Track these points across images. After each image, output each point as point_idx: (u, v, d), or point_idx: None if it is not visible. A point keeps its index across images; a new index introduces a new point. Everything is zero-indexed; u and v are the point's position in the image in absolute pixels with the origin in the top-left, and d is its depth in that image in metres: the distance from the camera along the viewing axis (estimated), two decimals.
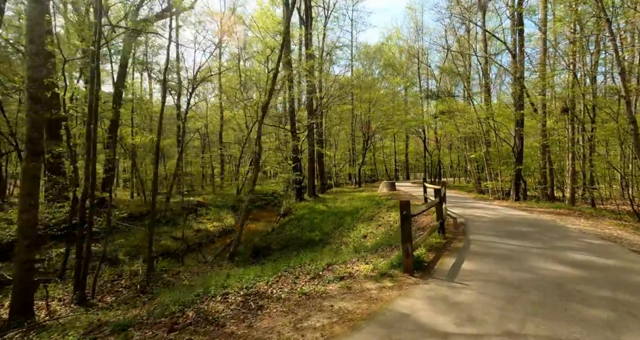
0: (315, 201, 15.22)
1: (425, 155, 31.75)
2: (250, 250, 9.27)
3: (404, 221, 3.67)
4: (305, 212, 12.91)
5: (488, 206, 10.54)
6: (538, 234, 5.95)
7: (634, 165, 12.90)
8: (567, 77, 12.25)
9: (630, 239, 6.07)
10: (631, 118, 7.35)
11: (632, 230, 7.04)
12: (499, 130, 14.39)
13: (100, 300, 4.43)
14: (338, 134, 31.64)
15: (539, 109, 13.98)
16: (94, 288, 4.64)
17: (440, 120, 23.18)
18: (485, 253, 4.64)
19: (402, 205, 3.69)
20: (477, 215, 8.36)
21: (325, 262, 4.30)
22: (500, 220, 7.63)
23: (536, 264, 4.11)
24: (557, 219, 8.01)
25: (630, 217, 9.18)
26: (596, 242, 5.37)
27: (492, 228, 6.61)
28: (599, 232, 6.47)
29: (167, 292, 4.14)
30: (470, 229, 6.58)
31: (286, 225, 11.94)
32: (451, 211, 9.11)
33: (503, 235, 5.84)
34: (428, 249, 4.86)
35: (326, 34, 23.18)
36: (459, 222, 7.53)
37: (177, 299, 3.10)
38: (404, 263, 3.70)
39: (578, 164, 12.44)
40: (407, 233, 3.66)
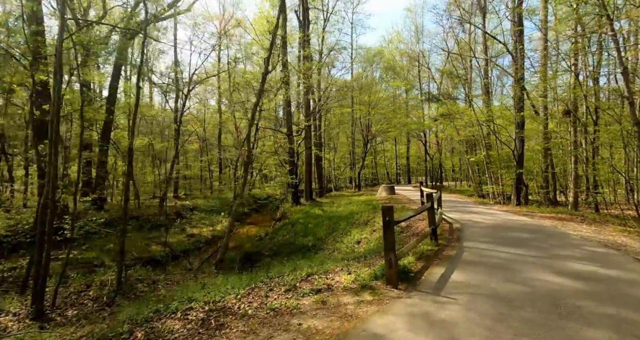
0: (312, 205, 14.94)
1: (426, 158, 31.37)
2: (240, 256, 8.99)
3: (387, 229, 3.39)
4: (300, 216, 12.62)
5: (487, 211, 10.20)
6: (537, 241, 5.63)
7: (638, 168, 12.51)
8: (569, 79, 11.95)
9: (635, 246, 5.72)
10: (635, 120, 7.03)
11: (637, 237, 6.68)
12: (499, 133, 14.07)
13: (61, 315, 4.15)
14: (338, 137, 31.46)
15: (540, 112, 13.66)
16: (55, 301, 4.35)
17: (441, 123, 22.90)
18: (478, 262, 4.33)
19: (384, 211, 3.42)
20: (475, 221, 8.03)
21: (306, 272, 4.02)
22: (499, 225, 7.30)
23: (532, 274, 3.80)
24: (559, 224, 7.66)
25: (635, 223, 8.79)
26: (598, 250, 5.04)
27: (489, 234, 6.29)
28: (601, 239, 6.13)
29: (132, 305, 3.88)
30: (466, 235, 6.26)
31: (280, 230, 11.66)
32: (448, 216, 8.78)
33: (499, 243, 5.52)
34: (417, 257, 4.57)
35: (325, 37, 23.13)
36: (455, 227, 7.21)
37: (132, 316, 2.84)
38: (387, 274, 3.41)
39: (581, 167, 12.08)
40: (390, 242, 3.38)
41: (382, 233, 3.43)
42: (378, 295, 3.17)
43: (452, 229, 7.09)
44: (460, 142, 19.95)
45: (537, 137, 16.31)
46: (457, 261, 4.39)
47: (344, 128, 31.62)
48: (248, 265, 8.87)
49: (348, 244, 8.67)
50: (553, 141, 13.34)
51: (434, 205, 5.47)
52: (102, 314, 4.12)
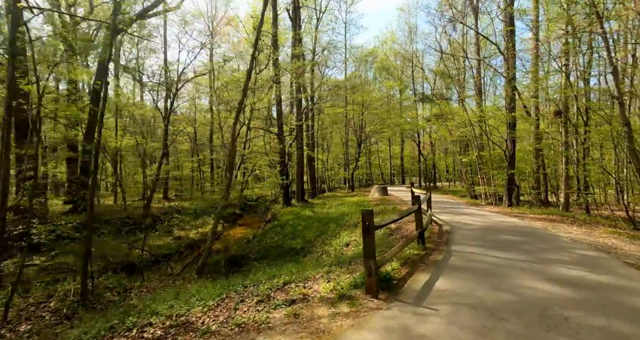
0: (303, 206, 14.70)
1: (420, 159, 31.35)
2: (226, 260, 8.71)
3: (366, 234, 3.18)
4: (290, 218, 12.37)
5: (478, 212, 10.08)
6: (527, 244, 5.48)
7: (629, 169, 12.55)
8: (560, 80, 11.93)
9: (625, 249, 5.61)
10: (625, 120, 6.96)
11: (627, 239, 6.59)
12: (491, 133, 14.01)
13: (12, 330, 3.82)
14: (332, 137, 31.29)
15: (532, 112, 13.64)
16: (6, 314, 4.02)
17: (434, 123, 22.87)
18: (465, 268, 4.14)
19: (364, 216, 3.20)
20: (465, 223, 7.88)
21: (283, 280, 3.79)
22: (489, 228, 7.15)
23: (520, 281, 3.62)
24: (549, 226, 7.55)
25: (625, 224, 8.74)
26: (589, 254, 4.90)
27: (479, 237, 6.13)
28: (592, 242, 6.01)
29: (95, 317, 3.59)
30: (455, 238, 6.09)
31: (269, 232, 11.39)
32: (438, 218, 8.63)
33: (489, 246, 5.36)
34: (402, 263, 4.37)
35: (318, 37, 22.93)
36: (445, 230, 7.04)
37: (81, 335, 2.58)
38: (367, 283, 3.20)
39: (572, 168, 12.06)
40: (370, 248, 3.16)
41: (362, 238, 3.22)
42: (356, 307, 2.95)
43: (442, 231, 6.93)
44: (453, 142, 19.91)
45: (529, 138, 16.32)
46: (443, 267, 4.20)
47: (338, 128, 31.46)
48: (234, 269, 8.60)
49: (337, 247, 8.45)
50: (544, 142, 13.33)
51: (421, 208, 5.28)
52: (58, 328, 3.81)
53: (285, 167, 15.01)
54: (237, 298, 3.31)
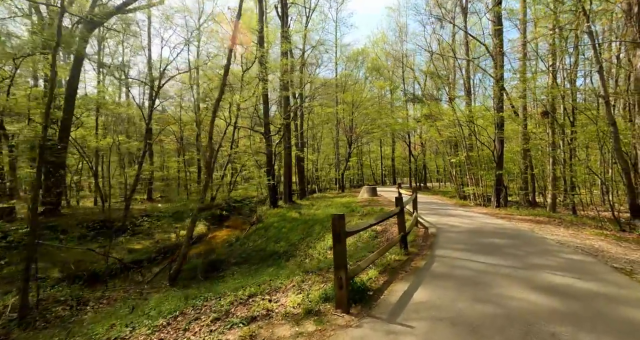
0: (290, 208, 14.33)
1: (410, 159, 31.34)
2: (205, 265, 8.27)
3: (337, 242, 2.86)
4: (276, 220, 11.99)
5: (466, 213, 9.91)
6: (513, 248, 5.27)
7: (614, 170, 12.63)
8: (548, 80, 11.92)
9: (612, 252, 5.46)
10: (611, 120, 6.85)
11: (613, 241, 6.47)
12: (479, 134, 13.94)
13: None
14: (322, 137, 30.98)
15: (520, 112, 13.63)
16: None
17: (424, 124, 22.81)
18: (448, 275, 3.87)
19: (334, 222, 2.88)
20: (452, 225, 7.67)
21: (249, 292, 3.44)
22: (475, 230, 6.94)
23: (505, 290, 3.36)
24: (536, 228, 7.40)
25: (611, 225, 8.69)
26: (576, 258, 4.71)
27: (464, 240, 5.89)
28: (579, 244, 5.85)
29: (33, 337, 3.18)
30: (440, 241, 5.84)
31: (252, 235, 10.99)
32: (425, 220, 8.40)
33: (474, 250, 5.12)
34: (382, 270, 4.07)
35: (308, 35, 22.62)
36: (430, 232, 6.80)
37: None
38: (337, 296, 2.87)
39: (559, 169, 12.06)
40: (340, 258, 2.85)
41: (332, 246, 2.90)
42: (323, 325, 2.62)
43: (427, 234, 6.68)
44: (443, 143, 19.86)
45: (517, 139, 16.36)
46: (425, 274, 3.91)
47: (328, 128, 31.20)
48: (213, 274, 8.18)
49: (320, 250, 8.13)
50: (532, 142, 13.32)
51: (403, 210, 5.00)
52: None
53: (271, 168, 14.61)
54: (192, 315, 2.95)
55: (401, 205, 4.94)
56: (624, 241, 6.51)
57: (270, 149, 14.53)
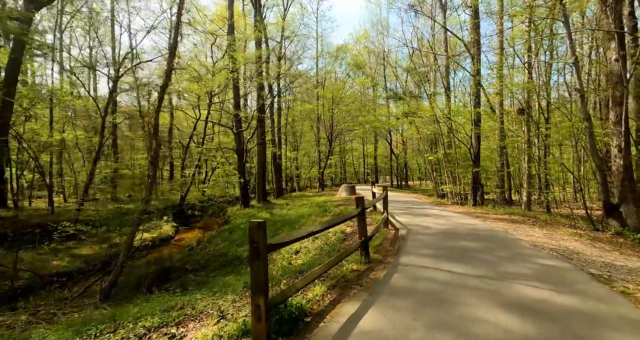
0: (262, 208, 13.53)
1: (391, 158, 31.19)
2: (154, 274, 7.37)
3: (255, 258, 2.18)
4: (244, 221, 11.18)
5: (441, 213, 9.51)
6: (485, 253, 4.78)
7: (585, 168, 12.72)
8: (524, 77, 11.77)
9: (588, 254, 5.11)
10: (586, 115, 6.55)
11: (588, 241, 6.18)
12: (457, 131, 13.68)
13: None
14: (302, 135, 30.19)
15: (497, 110, 13.47)
16: None
17: (404, 121, 22.54)
18: (408, 290, 3.28)
19: (252, 232, 2.19)
20: (424, 226, 7.18)
21: (159, 320, 2.68)
22: (448, 231, 6.47)
23: (472, 310, 2.80)
24: (511, 228, 7.05)
25: (584, 223, 8.53)
26: (551, 264, 4.26)
27: (434, 244, 5.37)
28: (554, 246, 5.48)
29: None
30: (408, 245, 5.29)
31: (216, 238, 10.13)
32: (397, 220, 7.89)
33: (443, 256, 4.58)
34: (332, 285, 3.42)
35: (285, 27, 21.73)
36: (400, 235, 6.25)
37: None
38: (254, 331, 2.18)
39: (534, 166, 11.97)
40: (259, 279, 2.16)
41: (249, 263, 2.20)
42: None
43: (397, 236, 6.13)
44: (421, 140, 19.64)
45: (494, 137, 16.33)
46: (382, 290, 3.30)
47: (309, 126, 30.48)
48: (164, 284, 7.30)
49: (285, 255, 7.43)
50: (508, 139, 13.20)
51: (364, 212, 4.38)
52: None
53: (242, 165, 13.73)
54: None
55: (362, 206, 4.31)
56: (598, 241, 6.24)
57: (241, 145, 13.63)
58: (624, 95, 6.45)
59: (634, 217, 6.65)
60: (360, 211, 4.25)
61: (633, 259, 5.06)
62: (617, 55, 6.72)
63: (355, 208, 4.35)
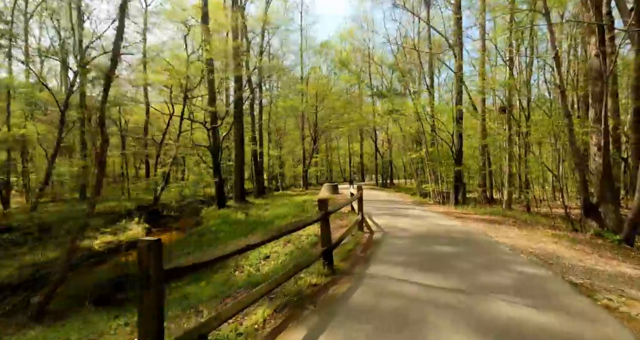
0: (239, 208, 12.86)
1: (376, 156, 31.00)
2: (106, 285, 6.63)
3: (145, 287, 1.61)
4: (217, 222, 10.50)
5: (422, 213, 9.19)
6: (461, 259, 4.39)
7: (563, 167, 12.78)
8: (506, 74, 11.62)
9: (567, 257, 4.84)
10: (566, 111, 6.31)
11: (567, 243, 5.95)
12: (439, 129, 13.45)
13: None
14: (286, 132, 29.48)
15: (479, 107, 13.32)
16: None
17: (388, 119, 22.28)
18: (369, 311, 2.80)
19: (140, 253, 1.63)
20: (402, 228, 6.78)
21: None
22: (425, 234, 6.08)
23: (440, 334, 2.35)
24: (490, 229, 6.76)
25: (563, 223, 8.42)
26: (530, 272, 3.91)
27: (409, 249, 4.95)
28: (533, 248, 5.19)
29: None
30: (380, 251, 4.85)
31: (184, 242, 9.42)
32: (374, 222, 7.47)
33: (416, 263, 4.16)
34: (281, 306, 2.90)
35: (267, 21, 20.96)
36: (374, 238, 5.81)
37: None
38: None
39: (514, 165, 11.89)
40: (150, 315, 1.61)
41: (139, 295, 1.63)
42: None
43: (370, 241, 5.68)
44: (404, 138, 19.42)
45: (477, 135, 16.28)
46: (338, 310, 2.80)
47: (294, 124, 29.82)
48: (119, 296, 6.59)
49: (254, 261, 6.86)
50: (490, 138, 13.09)
51: (327, 216, 3.88)
52: None
53: (218, 164, 13.00)
54: None
55: (325, 210, 3.81)
56: (578, 243, 6.03)
57: (217, 142, 12.89)
58: (604, 92, 6.24)
59: (612, 217, 6.49)
60: (322, 215, 3.74)
61: (613, 263, 4.82)
62: (597, 51, 6.51)
63: (333, 208, 3.84)
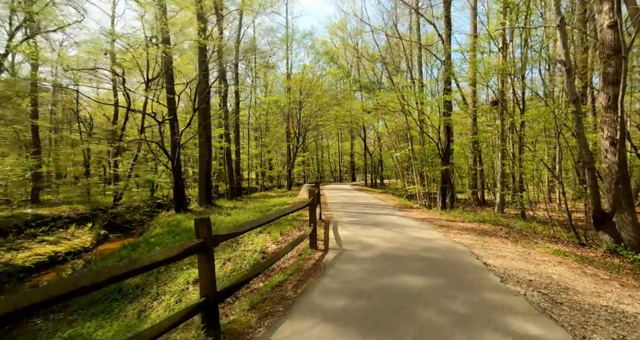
0: (199, 213, 11.34)
1: (366, 155, 29.64)
2: None
3: None
4: (161, 231, 8.97)
5: (399, 220, 7.78)
6: (431, 304, 2.97)
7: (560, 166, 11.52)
8: (498, 61, 10.29)
9: (579, 289, 3.50)
10: (573, 94, 4.94)
11: (575, 264, 4.61)
12: (425, 123, 12.08)
13: None
14: (267, 129, 27.92)
15: (469, 99, 11.99)
16: None
17: (375, 115, 20.91)
18: None
19: None
20: (367, 243, 5.37)
21: None
22: (392, 255, 4.67)
23: None
24: (478, 244, 5.39)
25: (565, 233, 7.11)
26: (533, 333, 2.51)
27: (360, 283, 3.52)
28: (533, 276, 3.84)
29: None
30: (318, 287, 3.41)
31: (110, 257, 7.89)
32: (338, 234, 6.07)
33: (359, 315, 2.74)
34: None
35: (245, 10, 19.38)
36: (324, 262, 4.38)
37: None
38: None
39: (508, 164, 10.59)
40: None
41: None
42: None
43: (318, 266, 4.24)
44: (390, 135, 18.06)
45: (468, 133, 15.00)
46: None
47: (278, 120, 28.29)
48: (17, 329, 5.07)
49: (181, 284, 5.38)
50: (481, 135, 11.77)
51: (210, 247, 2.42)
52: None
53: (177, 163, 11.45)
54: None
55: (206, 234, 2.36)
56: (588, 264, 4.69)
57: (175, 137, 11.35)
58: (621, 71, 4.90)
59: (629, 229, 5.16)
60: (198, 245, 2.29)
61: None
62: (610, 21, 5.17)
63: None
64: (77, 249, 11.14)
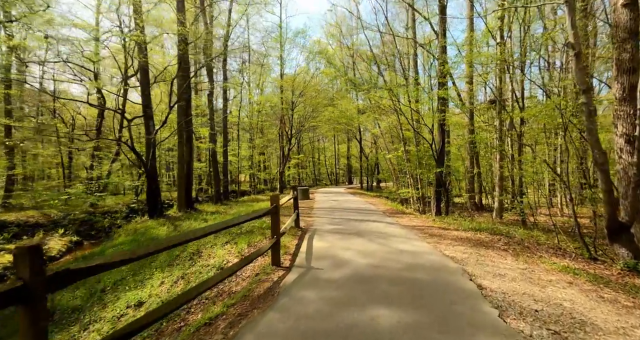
0: (175, 219, 10.51)
1: (361, 157, 28.87)
2: None
3: None
4: (126, 240, 8.13)
5: (387, 230, 6.96)
6: None
7: (564, 168, 10.79)
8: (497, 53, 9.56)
9: (600, 324, 2.77)
10: (583, 83, 4.18)
11: (589, 286, 3.81)
12: (418, 122, 11.32)
13: None
14: (260, 130, 27.10)
15: (465, 94, 11.26)
16: None
17: (369, 116, 20.17)
18: None
19: None
20: (342, 258, 4.56)
21: None
22: (369, 276, 3.86)
23: None
24: (472, 260, 4.59)
25: (570, 241, 6.32)
26: None
27: (315, 323, 2.72)
28: (539, 304, 3.06)
29: None
30: (258, 328, 2.61)
31: None
32: (311, 245, 5.26)
33: None
34: None
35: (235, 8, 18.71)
36: (282, 285, 3.56)
37: None
38: None
39: (506, 166, 9.83)
40: None
41: None
42: None
43: (273, 291, 3.42)
44: (383, 136, 17.30)
45: (464, 135, 14.28)
46: None
47: (269, 120, 27.54)
48: None
49: (120, 308, 4.55)
50: (477, 135, 11.02)
51: (32, 295, 1.60)
52: None
53: (151, 164, 10.64)
54: None
55: (36, 271, 1.55)
56: (605, 285, 3.88)
57: (150, 137, 10.55)
58: (638, 57, 4.15)
59: None
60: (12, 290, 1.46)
61: None
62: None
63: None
64: (54, 254, 10.29)
